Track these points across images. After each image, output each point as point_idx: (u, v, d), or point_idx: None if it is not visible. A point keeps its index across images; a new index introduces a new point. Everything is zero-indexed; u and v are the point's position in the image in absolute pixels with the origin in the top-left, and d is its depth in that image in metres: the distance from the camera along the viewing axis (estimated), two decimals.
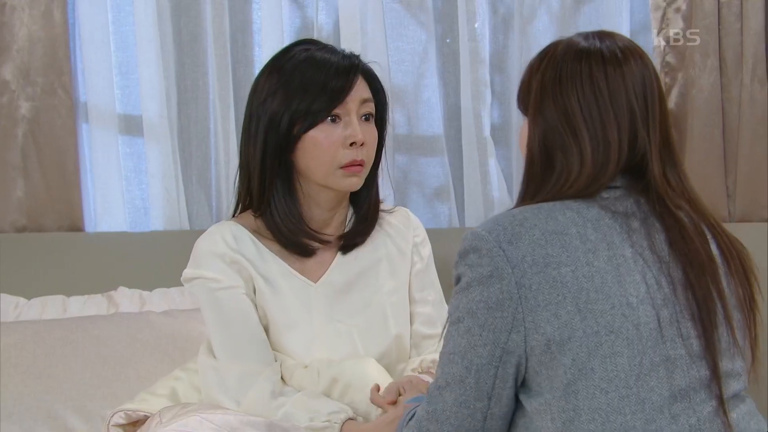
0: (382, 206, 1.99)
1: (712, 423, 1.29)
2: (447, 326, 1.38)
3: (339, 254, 1.90)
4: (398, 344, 1.90)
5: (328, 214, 1.89)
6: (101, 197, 2.62)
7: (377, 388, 1.72)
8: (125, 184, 2.65)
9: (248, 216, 1.89)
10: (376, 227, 1.95)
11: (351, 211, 1.94)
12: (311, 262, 1.88)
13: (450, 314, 1.37)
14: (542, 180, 1.41)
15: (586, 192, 1.37)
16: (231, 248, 1.82)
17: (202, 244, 1.86)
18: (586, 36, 1.44)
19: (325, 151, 1.79)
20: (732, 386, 1.35)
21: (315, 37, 2.63)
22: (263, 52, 2.64)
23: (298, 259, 1.87)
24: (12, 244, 2.53)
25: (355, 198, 1.93)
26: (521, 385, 1.34)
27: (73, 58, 2.59)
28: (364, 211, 1.92)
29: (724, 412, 1.31)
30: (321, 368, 1.79)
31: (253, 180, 1.84)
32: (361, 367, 1.79)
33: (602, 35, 1.44)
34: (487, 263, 1.32)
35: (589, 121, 1.37)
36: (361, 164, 1.82)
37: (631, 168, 1.39)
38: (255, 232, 1.86)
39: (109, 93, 2.60)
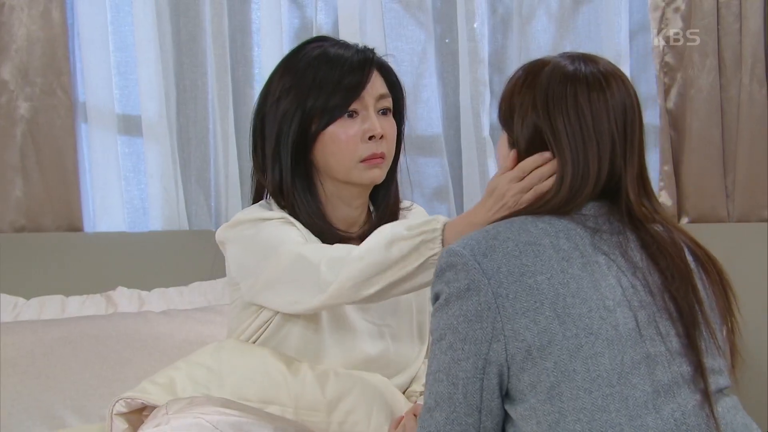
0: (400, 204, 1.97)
1: (697, 416, 1.30)
2: (430, 345, 1.38)
3: None
4: (423, 341, 1.89)
5: (354, 212, 1.87)
6: (100, 197, 2.62)
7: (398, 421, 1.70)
8: (124, 184, 2.65)
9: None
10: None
11: (371, 207, 1.92)
12: None
13: (432, 333, 1.37)
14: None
15: (559, 212, 1.39)
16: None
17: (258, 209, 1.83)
18: (572, 59, 1.45)
19: (344, 145, 1.77)
20: (716, 381, 1.36)
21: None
22: (262, 53, 2.65)
23: None
24: (11, 244, 2.53)
25: (374, 195, 1.91)
26: (504, 395, 1.35)
27: (72, 58, 2.59)
28: (386, 208, 1.90)
29: (710, 405, 1.31)
30: (336, 371, 1.77)
31: (273, 182, 1.81)
32: (373, 388, 1.76)
33: (587, 59, 1.46)
34: (464, 277, 1.33)
35: (573, 146, 1.40)
36: (381, 156, 1.80)
37: (604, 193, 1.42)
38: None
39: (108, 93, 2.61)
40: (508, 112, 1.47)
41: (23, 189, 2.58)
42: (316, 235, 1.82)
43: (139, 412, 1.77)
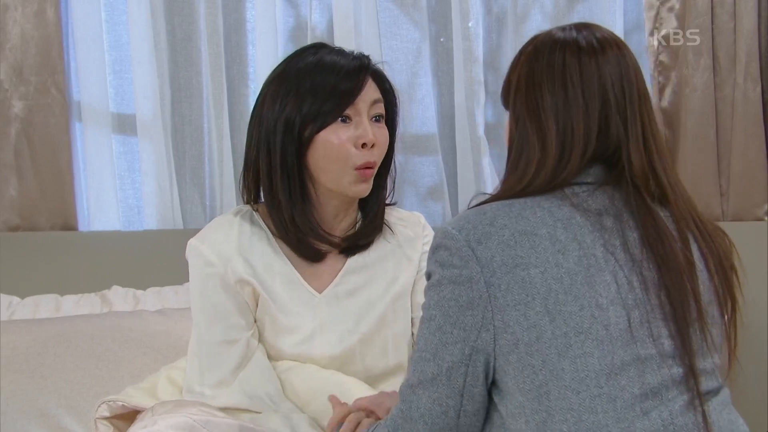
0: (396, 211, 1.98)
1: (684, 416, 1.30)
2: (420, 323, 1.38)
3: (346, 262, 1.88)
4: (397, 352, 1.90)
5: (337, 217, 1.88)
6: (95, 196, 2.62)
7: (335, 400, 1.71)
8: (119, 183, 2.65)
9: (264, 210, 1.87)
10: (387, 233, 1.93)
11: (359, 215, 1.92)
12: (319, 267, 1.87)
13: (423, 310, 1.37)
14: (516, 173, 1.40)
15: (554, 183, 1.36)
16: (241, 256, 1.83)
17: (214, 236, 1.86)
18: (564, 28, 1.44)
19: (337, 150, 1.77)
20: (705, 384, 1.35)
21: (308, 36, 2.64)
22: (257, 51, 2.64)
23: (307, 262, 1.86)
24: (5, 243, 2.53)
25: (363, 201, 1.91)
26: (492, 384, 1.34)
27: (66, 56, 2.59)
28: (375, 216, 1.90)
29: (701, 404, 1.31)
30: (300, 373, 1.80)
31: (266, 185, 1.82)
32: (345, 387, 1.78)
33: (580, 26, 1.44)
34: (458, 262, 1.32)
35: (554, 111, 1.38)
36: (372, 167, 1.81)
37: (605, 159, 1.39)
38: (270, 228, 1.86)
39: (102, 92, 2.60)
40: (506, 92, 1.46)
41: (17, 188, 2.57)
42: (303, 238, 1.83)
43: (128, 420, 1.78)
